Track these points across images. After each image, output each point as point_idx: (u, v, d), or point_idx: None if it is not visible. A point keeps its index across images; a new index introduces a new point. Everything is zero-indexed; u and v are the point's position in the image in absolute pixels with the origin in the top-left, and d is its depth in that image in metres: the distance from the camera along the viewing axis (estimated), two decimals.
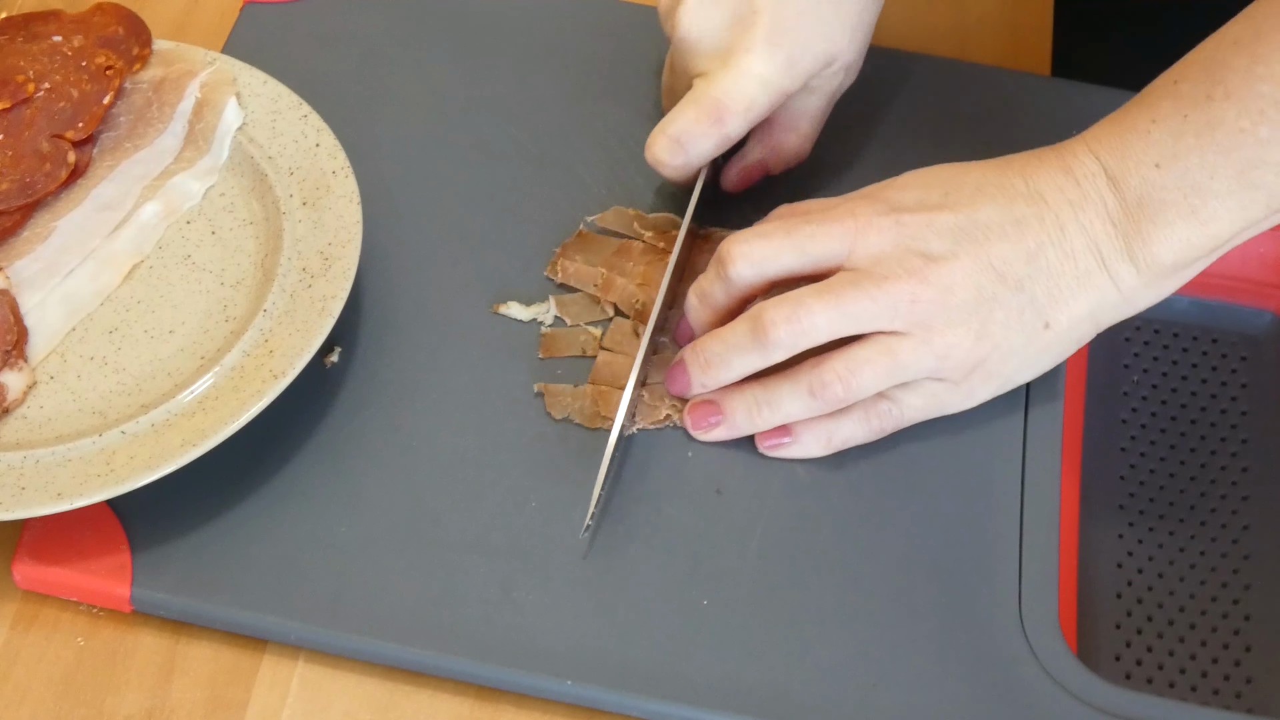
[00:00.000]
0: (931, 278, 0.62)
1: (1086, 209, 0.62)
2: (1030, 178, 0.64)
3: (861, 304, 0.62)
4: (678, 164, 0.69)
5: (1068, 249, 0.63)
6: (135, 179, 0.71)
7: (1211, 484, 0.72)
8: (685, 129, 0.68)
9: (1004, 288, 0.62)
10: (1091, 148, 0.63)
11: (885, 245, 0.63)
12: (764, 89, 0.67)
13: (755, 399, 0.65)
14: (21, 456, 0.62)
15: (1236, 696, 0.67)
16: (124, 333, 0.67)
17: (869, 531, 0.65)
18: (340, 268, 0.67)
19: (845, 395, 0.64)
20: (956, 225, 0.63)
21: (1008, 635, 0.62)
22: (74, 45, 0.72)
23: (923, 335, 0.62)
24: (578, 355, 0.69)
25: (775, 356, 0.64)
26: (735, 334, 0.64)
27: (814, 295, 0.63)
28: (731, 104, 0.67)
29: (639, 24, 0.80)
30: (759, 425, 0.66)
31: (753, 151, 0.72)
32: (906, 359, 0.63)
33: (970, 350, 0.63)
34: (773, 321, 0.63)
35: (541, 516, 0.64)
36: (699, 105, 0.68)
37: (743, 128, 0.68)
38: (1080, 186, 0.63)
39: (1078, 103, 0.78)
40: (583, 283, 0.71)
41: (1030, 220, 0.63)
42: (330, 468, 0.65)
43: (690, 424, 0.66)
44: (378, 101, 0.77)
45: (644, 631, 0.62)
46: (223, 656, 0.63)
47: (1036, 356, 0.65)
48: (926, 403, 0.65)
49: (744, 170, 0.73)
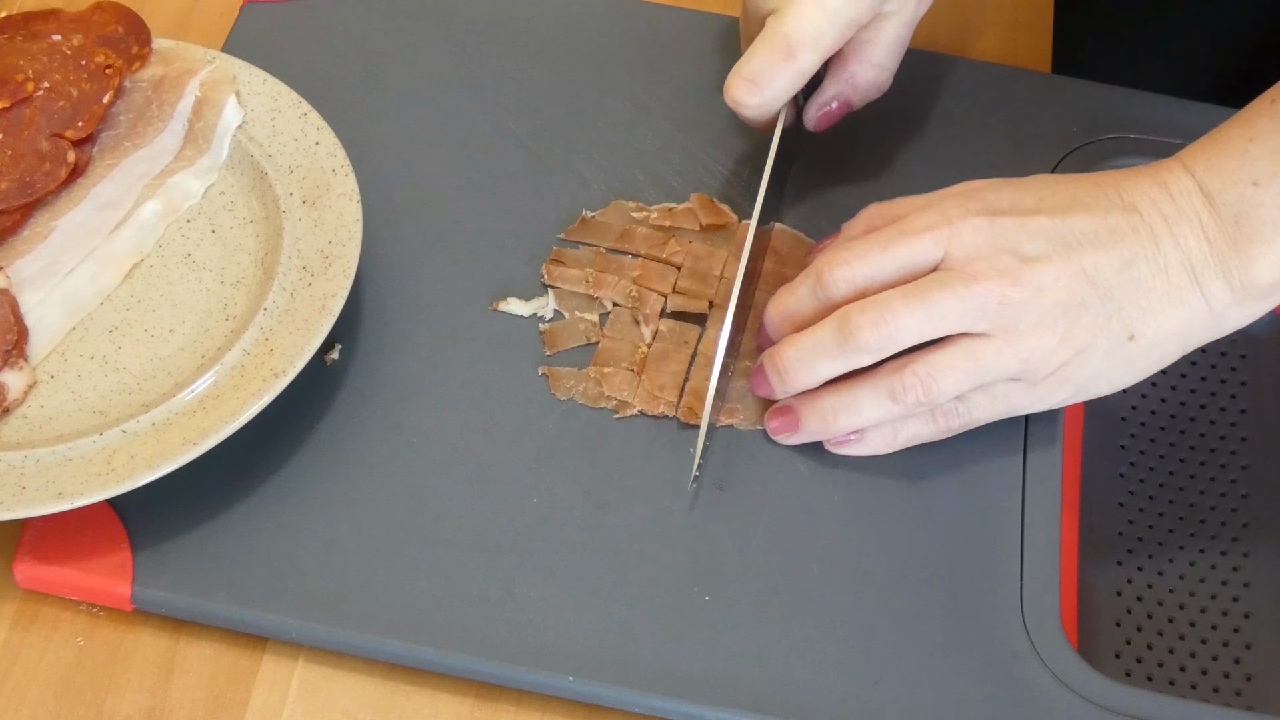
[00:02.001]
0: (1024, 278, 0.61)
1: (1181, 224, 0.62)
2: (1125, 190, 0.63)
3: (950, 305, 0.61)
4: (755, 103, 0.68)
5: (1161, 263, 0.62)
6: (135, 178, 0.71)
7: (1211, 482, 0.73)
8: (758, 67, 0.68)
9: (1094, 294, 0.62)
10: (1187, 164, 0.63)
11: (979, 244, 0.62)
12: (831, 19, 0.67)
13: (834, 404, 0.65)
14: (22, 456, 0.62)
15: (1236, 694, 0.67)
16: (124, 332, 0.67)
17: (871, 528, 0.65)
18: (340, 266, 0.67)
19: (926, 400, 0.63)
20: (1051, 229, 0.62)
21: (1009, 631, 0.63)
22: (73, 44, 0.72)
23: (1007, 338, 0.62)
24: (582, 344, 0.69)
25: (860, 361, 0.63)
26: (818, 338, 0.63)
27: (902, 298, 0.62)
28: (800, 37, 0.67)
29: (638, 20, 0.81)
30: (836, 431, 0.65)
31: (829, 86, 0.72)
32: (990, 363, 0.62)
33: (1053, 353, 0.62)
34: (859, 326, 0.62)
35: (543, 513, 0.64)
36: (770, 43, 0.67)
37: (815, 61, 0.68)
38: (1175, 202, 0.62)
39: (1078, 99, 0.78)
40: (573, 284, 0.71)
41: (1125, 231, 0.62)
42: (331, 466, 0.65)
43: (770, 429, 0.66)
44: (377, 100, 0.77)
45: (646, 628, 0.62)
46: (222, 656, 0.63)
47: (1116, 367, 0.63)
48: (997, 403, 0.64)
49: (822, 107, 0.72)
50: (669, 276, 0.71)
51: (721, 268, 0.72)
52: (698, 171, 0.75)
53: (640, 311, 0.70)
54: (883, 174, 0.75)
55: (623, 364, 0.68)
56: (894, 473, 0.66)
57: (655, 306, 0.70)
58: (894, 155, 0.75)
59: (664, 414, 0.67)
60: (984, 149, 0.76)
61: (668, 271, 0.72)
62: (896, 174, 0.75)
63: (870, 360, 0.63)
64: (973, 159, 0.76)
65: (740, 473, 0.66)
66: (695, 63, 0.79)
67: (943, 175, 0.75)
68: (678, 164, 0.75)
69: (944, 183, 0.75)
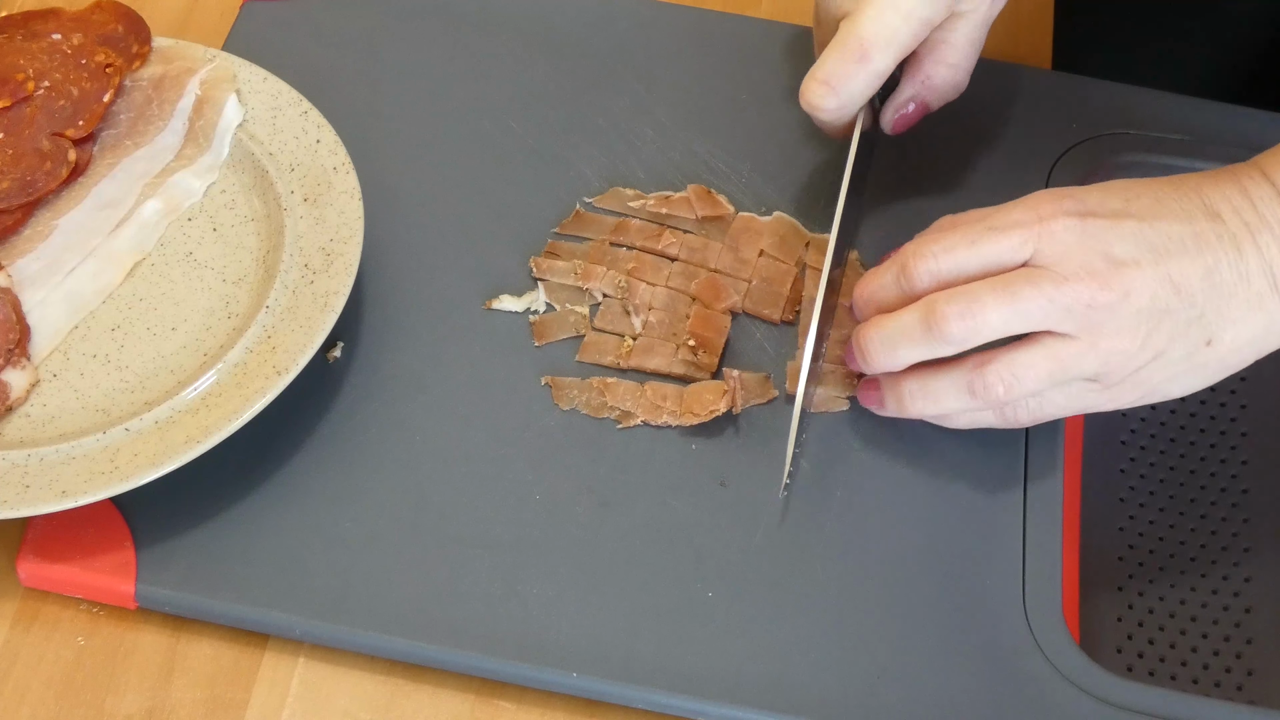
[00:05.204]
0: (1114, 282, 0.61)
1: (1264, 232, 0.61)
2: (1207, 196, 0.63)
3: (1038, 303, 0.61)
4: (831, 106, 0.68)
5: (1243, 270, 0.61)
6: (136, 176, 0.71)
7: (1211, 477, 0.73)
8: (833, 70, 0.67)
9: (1178, 300, 0.61)
10: (1266, 171, 0.62)
11: (1070, 243, 0.61)
12: (905, 20, 0.67)
13: (914, 389, 0.65)
14: (25, 454, 0.62)
15: (1238, 689, 0.67)
16: (126, 330, 0.67)
17: (873, 523, 0.65)
18: (342, 264, 0.67)
19: (1006, 397, 0.63)
20: (1140, 233, 0.61)
21: (1012, 627, 0.63)
22: (73, 43, 0.72)
23: (1090, 340, 0.61)
24: (572, 336, 0.69)
25: (942, 351, 0.63)
26: (903, 324, 0.63)
27: (990, 292, 0.61)
28: (874, 39, 0.66)
29: (637, 18, 0.81)
30: (912, 414, 0.65)
31: (905, 89, 0.71)
32: (1071, 364, 0.62)
33: (1132, 357, 0.62)
34: (945, 316, 0.61)
35: (546, 509, 0.64)
36: (844, 45, 0.67)
37: (889, 62, 0.68)
38: (1256, 209, 0.62)
39: (1078, 96, 0.78)
40: (562, 276, 0.71)
41: (1209, 237, 0.61)
42: (334, 463, 0.65)
43: (860, 398, 0.67)
44: (377, 98, 0.77)
45: (649, 624, 0.62)
46: (223, 656, 0.63)
47: (1190, 371, 0.63)
48: (1070, 401, 0.64)
49: (899, 109, 0.72)
50: (664, 268, 0.71)
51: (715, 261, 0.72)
52: (698, 169, 0.75)
53: (630, 302, 0.70)
54: (882, 170, 0.75)
55: (608, 357, 0.68)
56: (896, 469, 0.66)
57: (645, 297, 0.70)
58: (893, 150, 0.75)
59: (667, 424, 0.67)
60: (984, 144, 0.76)
61: (662, 264, 0.72)
62: (896, 170, 0.75)
63: (952, 351, 0.63)
64: (972, 154, 0.76)
65: (741, 469, 0.66)
66: (697, 61, 0.79)
67: (943, 169, 0.76)
68: (678, 160, 0.75)
69: (944, 176, 0.75)
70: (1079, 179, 0.74)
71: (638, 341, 0.69)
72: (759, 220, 0.73)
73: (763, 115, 0.77)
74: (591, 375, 0.68)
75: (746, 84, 0.78)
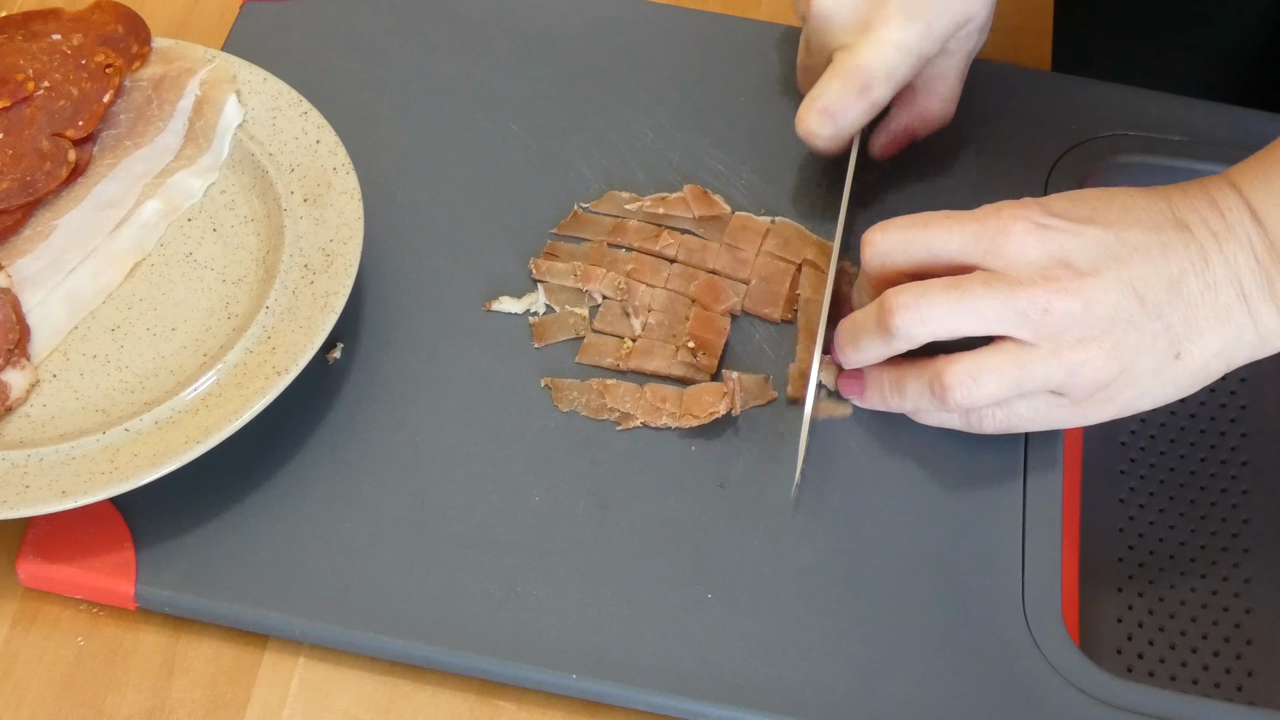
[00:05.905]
0: (1072, 289, 0.60)
1: (1231, 242, 0.61)
2: (1175, 206, 0.62)
3: (989, 304, 0.61)
4: (828, 134, 0.70)
5: (1209, 280, 0.61)
6: (136, 177, 0.71)
7: (1211, 478, 0.73)
8: (833, 100, 0.69)
9: (1141, 311, 0.61)
10: (1235, 182, 0.62)
11: (1028, 250, 0.61)
12: (905, 55, 0.68)
13: (887, 384, 0.66)
14: (25, 455, 0.62)
15: (1238, 689, 0.67)
16: (126, 330, 0.67)
17: (872, 525, 0.65)
18: (342, 264, 0.67)
19: (965, 401, 0.62)
20: (1103, 240, 0.61)
21: (1011, 628, 0.63)
22: (73, 43, 0.72)
23: (1051, 348, 0.61)
24: (571, 338, 0.69)
25: (897, 345, 0.63)
26: (865, 317, 0.64)
27: (940, 287, 0.62)
28: (875, 72, 0.68)
29: (637, 19, 0.81)
30: (888, 408, 0.66)
31: (898, 118, 0.73)
32: (1035, 371, 0.61)
33: (1099, 370, 0.61)
34: (893, 308, 0.62)
35: (546, 510, 0.64)
36: (844, 76, 0.69)
37: (888, 94, 0.69)
38: (1225, 219, 0.61)
39: (1078, 98, 0.78)
40: (561, 278, 0.71)
41: (1175, 246, 0.61)
42: (334, 464, 0.65)
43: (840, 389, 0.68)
44: (377, 98, 0.77)
45: (648, 625, 0.62)
46: (223, 656, 0.63)
47: (1161, 386, 0.62)
48: (1037, 415, 0.64)
49: (891, 136, 0.74)
50: (663, 270, 0.71)
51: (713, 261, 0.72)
52: (698, 170, 0.75)
53: (630, 304, 0.70)
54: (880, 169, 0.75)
55: (608, 359, 0.68)
56: (895, 470, 0.66)
57: (644, 299, 0.70)
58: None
59: (666, 425, 0.67)
60: (984, 145, 0.76)
61: (661, 265, 0.72)
62: (895, 169, 0.75)
63: (905, 346, 0.63)
64: (971, 155, 0.76)
65: (741, 470, 0.66)
66: (697, 62, 0.79)
67: (940, 170, 0.76)
68: (677, 162, 0.75)
69: (941, 177, 0.76)
70: (1078, 180, 0.74)
71: (637, 343, 0.69)
72: (756, 219, 0.73)
73: (762, 117, 0.77)
74: (591, 377, 0.68)
75: (746, 85, 0.78)
